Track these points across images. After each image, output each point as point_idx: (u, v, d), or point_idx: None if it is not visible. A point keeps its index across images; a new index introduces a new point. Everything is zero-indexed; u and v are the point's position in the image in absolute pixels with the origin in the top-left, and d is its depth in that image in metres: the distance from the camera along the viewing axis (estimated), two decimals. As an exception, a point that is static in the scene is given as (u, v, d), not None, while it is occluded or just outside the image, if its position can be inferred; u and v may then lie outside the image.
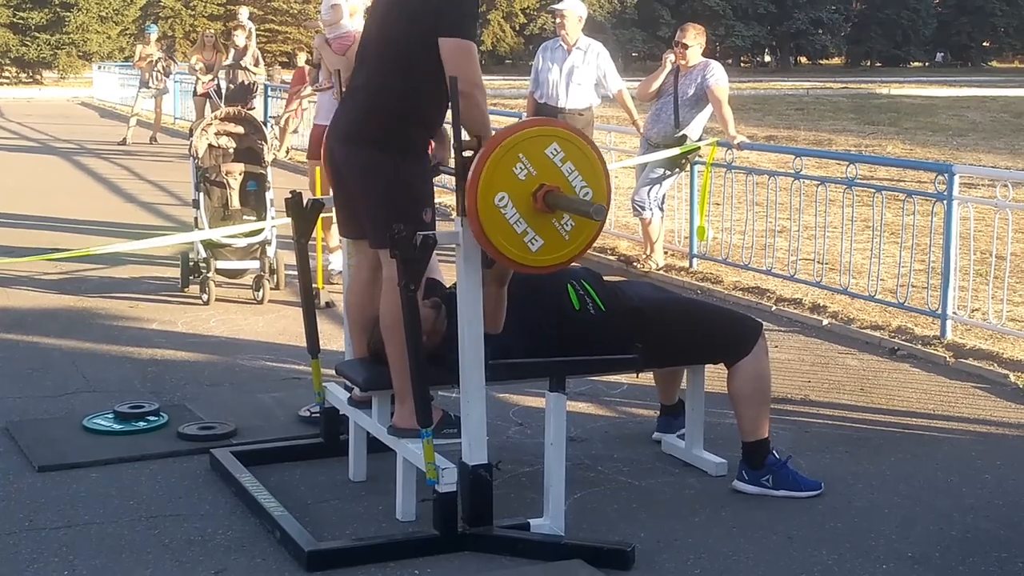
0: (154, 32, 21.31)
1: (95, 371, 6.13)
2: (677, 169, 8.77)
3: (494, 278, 4.09)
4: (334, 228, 8.29)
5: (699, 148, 8.72)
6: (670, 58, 8.73)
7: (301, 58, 18.87)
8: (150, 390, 5.81)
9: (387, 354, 4.21)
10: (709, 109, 8.59)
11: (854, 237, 7.99)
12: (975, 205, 7.57)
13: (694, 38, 8.56)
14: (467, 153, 3.85)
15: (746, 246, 8.70)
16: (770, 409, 4.68)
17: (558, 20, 8.96)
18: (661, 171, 8.71)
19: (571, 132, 3.96)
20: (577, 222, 3.88)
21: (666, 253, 9.19)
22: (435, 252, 3.94)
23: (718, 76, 8.49)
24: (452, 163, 4.02)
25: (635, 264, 9.02)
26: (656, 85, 8.74)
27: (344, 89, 4.54)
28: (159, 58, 20.10)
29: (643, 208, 8.76)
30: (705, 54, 8.73)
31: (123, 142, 18.96)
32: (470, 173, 3.78)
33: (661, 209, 8.87)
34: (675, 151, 8.56)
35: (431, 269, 4.35)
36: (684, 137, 8.60)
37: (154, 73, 19.87)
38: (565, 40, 8.94)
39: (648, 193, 8.72)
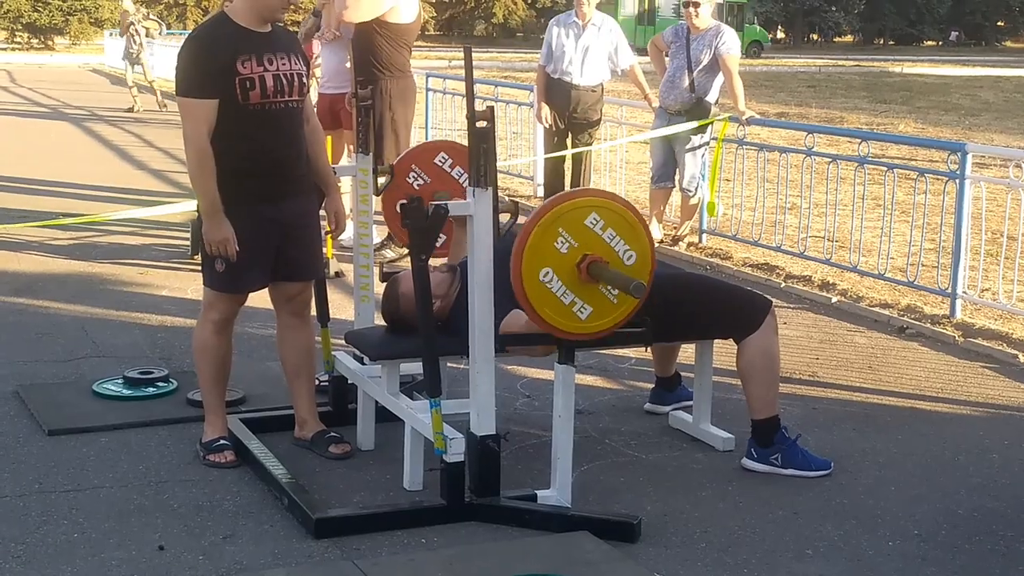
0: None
1: (105, 337, 6.15)
2: (702, 135, 8.68)
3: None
4: (345, 198, 8.27)
5: (712, 123, 8.68)
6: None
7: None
8: (159, 356, 5.84)
9: None
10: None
11: (864, 215, 7.97)
12: (987, 184, 7.54)
13: None
14: (480, 124, 3.85)
15: (756, 222, 8.68)
16: (779, 386, 4.68)
17: None
18: (693, 141, 8.61)
19: (607, 199, 4.01)
20: None
21: (675, 228, 9.17)
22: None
23: (730, 44, 8.40)
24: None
25: (671, 240, 8.95)
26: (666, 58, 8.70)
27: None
28: (130, 22, 19.92)
29: (694, 192, 8.72)
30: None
31: (131, 109, 18.93)
32: (513, 252, 3.83)
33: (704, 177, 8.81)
34: (692, 124, 8.51)
35: None
36: (701, 101, 8.52)
37: (131, 37, 19.66)
38: (582, 15, 8.88)
39: (695, 173, 8.65)
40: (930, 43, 63.69)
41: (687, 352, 5.12)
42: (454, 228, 4.83)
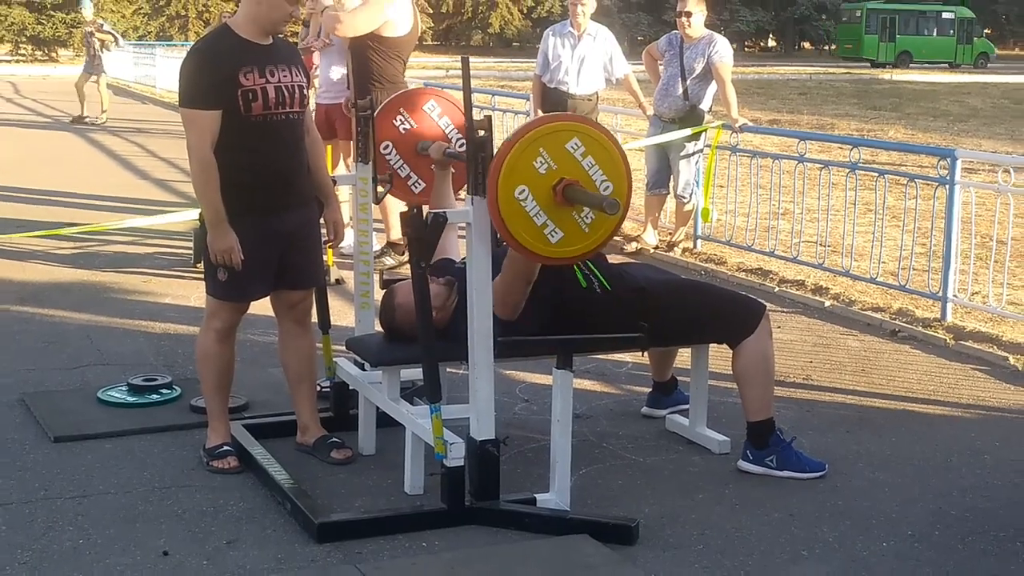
0: (87, 8, 20.76)
1: (109, 344, 6.20)
2: (696, 142, 8.76)
3: (519, 270, 4.19)
4: (344, 207, 8.32)
5: (706, 130, 8.75)
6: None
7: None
8: (163, 363, 5.89)
9: None
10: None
11: (856, 220, 8.03)
12: (976, 190, 7.60)
13: (696, 4, 8.52)
14: (478, 133, 3.92)
15: (749, 228, 8.74)
16: (774, 389, 4.74)
17: (579, 7, 8.93)
18: (687, 148, 8.69)
19: (592, 127, 4.01)
20: (597, 215, 3.93)
21: (670, 234, 9.23)
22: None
23: (722, 52, 8.48)
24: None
25: (666, 246, 9.02)
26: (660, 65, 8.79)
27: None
28: (88, 31, 19.74)
29: (688, 198, 8.78)
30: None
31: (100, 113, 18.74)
32: (491, 167, 3.85)
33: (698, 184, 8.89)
34: (687, 131, 8.59)
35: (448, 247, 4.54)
36: (695, 108, 8.61)
37: (90, 51, 19.40)
38: (577, 26, 8.95)
39: (689, 180, 8.71)
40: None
41: (683, 356, 5.18)
42: (435, 176, 4.90)
